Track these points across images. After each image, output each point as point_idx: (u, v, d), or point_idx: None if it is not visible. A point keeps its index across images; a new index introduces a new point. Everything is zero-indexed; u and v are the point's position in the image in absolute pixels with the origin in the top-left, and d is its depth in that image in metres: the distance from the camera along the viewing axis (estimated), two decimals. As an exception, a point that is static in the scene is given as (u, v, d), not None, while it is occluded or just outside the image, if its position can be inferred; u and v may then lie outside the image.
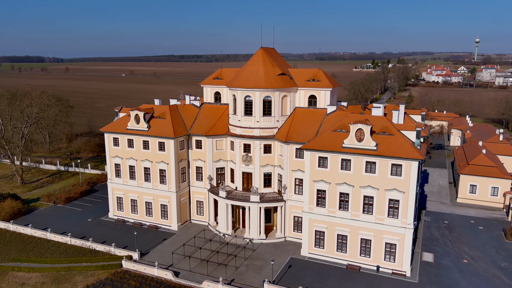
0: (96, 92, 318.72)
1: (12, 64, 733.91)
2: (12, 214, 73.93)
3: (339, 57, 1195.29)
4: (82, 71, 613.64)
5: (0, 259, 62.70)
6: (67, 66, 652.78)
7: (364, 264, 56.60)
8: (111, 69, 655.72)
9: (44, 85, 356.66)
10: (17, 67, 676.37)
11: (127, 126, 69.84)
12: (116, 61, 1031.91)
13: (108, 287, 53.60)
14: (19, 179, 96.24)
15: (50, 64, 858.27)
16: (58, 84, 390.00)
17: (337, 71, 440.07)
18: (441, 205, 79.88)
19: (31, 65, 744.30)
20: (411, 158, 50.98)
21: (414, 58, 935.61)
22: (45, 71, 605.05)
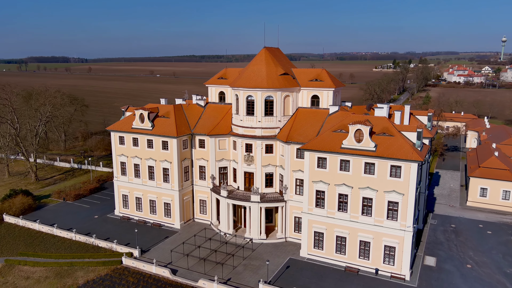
0: (116, 91, 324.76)
1: (38, 64, 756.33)
2: (22, 210, 76.18)
3: (361, 57, 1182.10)
4: (104, 71, 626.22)
5: (9, 253, 64.75)
6: (90, 66, 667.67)
7: (363, 266, 55.83)
8: (133, 69, 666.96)
9: (67, 85, 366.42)
10: (42, 67, 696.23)
11: (132, 125, 70.94)
12: (138, 61, 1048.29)
13: (107, 283, 54.60)
14: (33, 176, 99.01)
15: (74, 64, 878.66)
16: (80, 83, 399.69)
17: (356, 71, 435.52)
18: (449, 209, 77.97)
19: (56, 65, 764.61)
20: (410, 160, 49.99)
21: (438, 58, 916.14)
22: (69, 71, 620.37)
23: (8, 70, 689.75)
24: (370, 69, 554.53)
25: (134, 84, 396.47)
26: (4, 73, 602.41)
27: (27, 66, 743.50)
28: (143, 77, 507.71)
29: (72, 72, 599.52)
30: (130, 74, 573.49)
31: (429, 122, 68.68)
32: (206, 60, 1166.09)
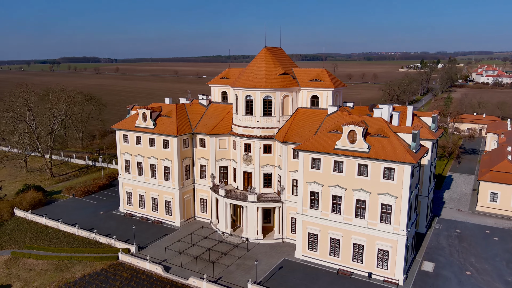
0: (139, 91, 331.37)
1: (69, 65, 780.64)
2: (33, 204, 79.02)
3: (389, 57, 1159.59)
4: (131, 71, 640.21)
5: (16, 245, 67.41)
6: (117, 67, 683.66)
7: (356, 269, 54.88)
8: (158, 69, 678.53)
9: (94, 84, 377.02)
10: (73, 67, 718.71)
11: (135, 123, 72.34)
12: (164, 62, 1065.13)
13: (102, 277, 55.97)
14: (48, 172, 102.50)
15: (103, 65, 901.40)
16: (107, 83, 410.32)
17: (382, 71, 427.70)
18: (457, 213, 75.51)
19: (86, 65, 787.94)
20: (403, 162, 48.77)
21: (470, 58, 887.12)
22: (98, 71, 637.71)
23: (41, 70, 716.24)
24: (396, 69, 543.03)
25: (157, 84, 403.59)
26: (38, 73, 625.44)
27: (59, 67, 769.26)
28: (167, 77, 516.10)
29: (100, 72, 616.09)
30: (155, 74, 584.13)
31: (433, 124, 66.77)
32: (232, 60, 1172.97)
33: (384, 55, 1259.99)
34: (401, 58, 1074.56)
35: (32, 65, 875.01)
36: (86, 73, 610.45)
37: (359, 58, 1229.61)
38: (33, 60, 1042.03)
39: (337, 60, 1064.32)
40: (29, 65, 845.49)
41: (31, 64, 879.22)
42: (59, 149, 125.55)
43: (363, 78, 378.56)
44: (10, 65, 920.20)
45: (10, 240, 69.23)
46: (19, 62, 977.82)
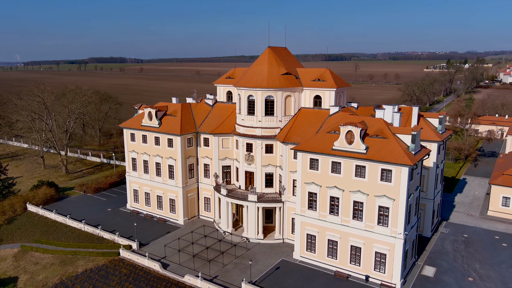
0: (160, 90, 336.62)
1: (96, 65, 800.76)
2: (45, 200, 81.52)
3: (415, 57, 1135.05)
4: (154, 71, 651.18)
5: (26, 239, 69.73)
6: (141, 67, 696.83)
7: (353, 272, 54.13)
8: (181, 69, 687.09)
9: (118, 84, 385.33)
10: (99, 67, 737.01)
11: (142, 122, 73.60)
12: (188, 62, 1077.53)
13: (102, 272, 57.27)
14: (63, 169, 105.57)
15: (129, 65, 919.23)
16: (130, 82, 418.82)
17: (405, 71, 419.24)
18: (467, 217, 73.31)
19: (112, 65, 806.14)
20: (400, 164, 47.78)
21: (500, 57, 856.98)
22: (123, 71, 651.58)
23: (69, 70, 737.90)
24: (421, 69, 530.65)
25: (178, 84, 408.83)
26: (66, 72, 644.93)
27: (86, 67, 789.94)
28: (189, 77, 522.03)
29: (125, 72, 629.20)
30: (178, 74, 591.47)
31: (439, 125, 65.10)
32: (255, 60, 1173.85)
33: (410, 55, 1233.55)
34: (428, 58, 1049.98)
35: (61, 65, 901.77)
36: (112, 73, 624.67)
37: (384, 58, 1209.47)
38: (62, 61, 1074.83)
39: (361, 60, 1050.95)
40: (58, 65, 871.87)
41: (60, 64, 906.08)
42: (77, 147, 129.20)
43: (385, 78, 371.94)
44: (41, 65, 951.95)
45: (21, 234, 71.66)
46: (50, 63, 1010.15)
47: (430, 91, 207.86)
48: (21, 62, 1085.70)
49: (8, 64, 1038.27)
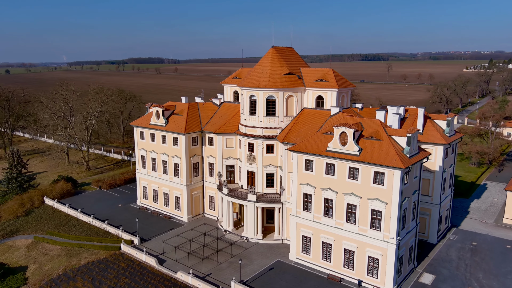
0: (189, 90, 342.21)
1: (133, 65, 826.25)
2: (62, 194, 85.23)
3: (458, 57, 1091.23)
4: (188, 71, 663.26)
5: (39, 231, 73.31)
6: (176, 67, 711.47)
7: (346, 276, 53.12)
8: (214, 69, 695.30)
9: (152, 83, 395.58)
10: (137, 67, 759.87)
11: (150, 121, 75.47)
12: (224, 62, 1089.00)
13: (102, 266, 59.30)
14: (85, 165, 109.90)
15: (164, 65, 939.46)
16: (164, 82, 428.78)
17: (442, 71, 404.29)
18: (480, 224, 70.00)
19: (148, 65, 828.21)
20: (392, 167, 46.42)
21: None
22: (158, 71, 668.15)
23: (109, 70, 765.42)
24: (460, 69, 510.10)
25: (208, 84, 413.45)
26: (105, 72, 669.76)
27: (124, 67, 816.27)
28: (220, 77, 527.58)
29: (161, 72, 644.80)
30: (210, 74, 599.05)
31: (447, 128, 62.58)
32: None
33: (452, 55, 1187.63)
34: (471, 58, 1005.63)
35: (102, 65, 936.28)
36: (148, 73, 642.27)
37: (424, 58, 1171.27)
38: (104, 61, 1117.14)
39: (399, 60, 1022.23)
40: (98, 65, 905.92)
41: (101, 65, 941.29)
42: (102, 144, 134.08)
43: (418, 79, 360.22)
44: (83, 65, 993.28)
45: (36, 226, 75.37)
46: (92, 63, 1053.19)
47: (462, 93, 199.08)
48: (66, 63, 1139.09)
49: (55, 64, 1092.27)
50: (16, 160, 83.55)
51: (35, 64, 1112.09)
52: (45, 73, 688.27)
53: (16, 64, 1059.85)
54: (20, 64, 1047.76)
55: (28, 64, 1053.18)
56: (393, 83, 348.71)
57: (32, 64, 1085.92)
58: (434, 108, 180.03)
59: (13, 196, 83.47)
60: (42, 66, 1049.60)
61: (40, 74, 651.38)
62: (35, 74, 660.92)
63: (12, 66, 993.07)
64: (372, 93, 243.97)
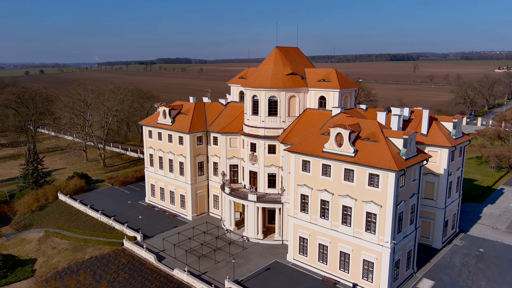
0: (212, 90, 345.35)
1: (160, 65, 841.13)
2: (75, 190, 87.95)
3: (492, 57, 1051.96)
4: (213, 71, 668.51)
5: (51, 225, 75.96)
6: (202, 67, 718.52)
7: (342, 279, 52.43)
8: (238, 69, 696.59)
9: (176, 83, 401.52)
10: (164, 67, 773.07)
11: (157, 120, 76.81)
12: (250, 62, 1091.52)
13: (104, 260, 60.90)
14: (101, 162, 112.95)
15: (191, 65, 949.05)
16: (188, 82, 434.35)
17: (472, 72, 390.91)
18: (490, 231, 67.49)
19: (175, 66, 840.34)
20: (386, 169, 45.50)
21: None
22: (184, 71, 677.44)
23: (136, 70, 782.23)
24: (492, 69, 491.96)
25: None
26: (133, 72, 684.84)
27: (152, 67, 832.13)
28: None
29: (186, 73, 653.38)
30: (234, 74, 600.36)
31: (454, 130, 60.67)
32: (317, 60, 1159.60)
33: (486, 55, 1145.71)
34: (508, 57, 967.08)
35: (130, 65, 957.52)
36: (174, 73, 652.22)
37: (456, 58, 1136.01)
38: (133, 61, 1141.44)
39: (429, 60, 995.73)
40: (127, 65, 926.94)
41: (130, 65, 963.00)
42: (120, 142, 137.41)
43: (446, 79, 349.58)
44: (113, 65, 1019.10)
45: (49, 220, 78.11)
46: (121, 63, 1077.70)
47: (489, 94, 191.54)
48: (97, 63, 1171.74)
49: (88, 65, 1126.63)
50: (32, 157, 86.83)
51: (68, 65, 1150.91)
52: (77, 73, 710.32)
53: (51, 65, 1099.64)
54: (54, 65, 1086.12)
55: (62, 65, 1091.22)
56: (419, 84, 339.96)
57: (65, 64, 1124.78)
58: (458, 110, 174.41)
59: (29, 191, 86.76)
60: (74, 66, 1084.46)
61: (72, 74, 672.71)
62: (67, 74, 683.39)
63: (47, 66, 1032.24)
64: (395, 94, 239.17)
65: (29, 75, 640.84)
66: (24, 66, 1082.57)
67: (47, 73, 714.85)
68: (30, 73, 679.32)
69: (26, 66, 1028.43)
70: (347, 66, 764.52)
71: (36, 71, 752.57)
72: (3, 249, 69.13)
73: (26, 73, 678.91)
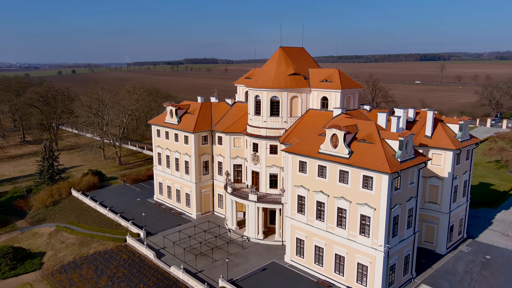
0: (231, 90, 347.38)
1: (186, 66, 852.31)
2: (88, 187, 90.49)
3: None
4: (238, 72, 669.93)
5: (62, 220, 78.51)
6: (226, 67, 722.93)
7: (337, 282, 51.77)
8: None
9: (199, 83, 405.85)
10: (190, 68, 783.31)
11: (165, 119, 78.06)
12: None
13: (106, 256, 62.44)
14: (117, 160, 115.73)
15: (216, 66, 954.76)
16: (211, 82, 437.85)
17: (503, 72, 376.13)
18: (500, 237, 64.93)
19: (201, 66, 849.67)
20: (379, 171, 44.61)
21: None
22: (209, 71, 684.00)
23: (163, 70, 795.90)
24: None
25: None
26: (160, 73, 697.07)
27: (178, 67, 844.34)
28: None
29: (211, 73, 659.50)
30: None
31: (459, 132, 58.76)
32: (344, 60, 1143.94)
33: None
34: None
35: (158, 66, 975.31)
36: (199, 73, 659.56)
37: (490, 57, 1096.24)
38: (161, 61, 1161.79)
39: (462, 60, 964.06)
40: (155, 66, 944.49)
41: (158, 65, 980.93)
42: (138, 141, 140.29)
43: (474, 80, 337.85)
44: (141, 66, 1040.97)
45: (61, 215, 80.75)
46: (150, 63, 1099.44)
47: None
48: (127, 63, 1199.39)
49: (118, 65, 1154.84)
50: (48, 154, 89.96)
51: (99, 65, 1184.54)
52: (106, 73, 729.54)
53: (83, 65, 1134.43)
54: (86, 65, 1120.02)
55: (93, 65, 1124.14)
56: (446, 85, 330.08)
57: (96, 65, 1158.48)
58: (483, 112, 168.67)
59: (45, 187, 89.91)
60: (105, 66, 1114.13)
61: (102, 74, 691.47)
62: (97, 74, 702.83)
63: (80, 66, 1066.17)
64: (419, 95, 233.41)
65: (62, 75, 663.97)
66: (58, 66, 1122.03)
67: (79, 73, 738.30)
68: (63, 73, 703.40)
69: (60, 66, 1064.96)
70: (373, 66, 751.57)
71: (68, 71, 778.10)
72: (16, 242, 71.95)
73: (59, 73, 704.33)
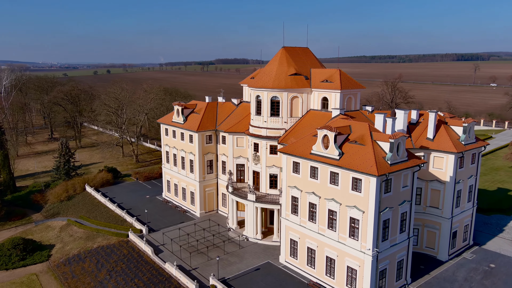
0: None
1: (216, 66, 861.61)
2: (101, 183, 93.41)
3: None
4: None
5: (73, 214, 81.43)
6: (255, 67, 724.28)
7: (327, 284, 51.12)
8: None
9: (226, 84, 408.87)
10: (219, 68, 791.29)
11: (172, 119, 79.47)
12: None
13: (108, 250, 64.31)
14: (134, 158, 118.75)
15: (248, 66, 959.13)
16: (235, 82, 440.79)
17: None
18: (510, 245, 61.96)
19: (231, 66, 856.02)
20: (367, 173, 43.72)
21: None
22: (238, 71, 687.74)
23: (194, 70, 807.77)
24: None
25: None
26: (190, 73, 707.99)
27: (208, 68, 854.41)
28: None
29: (240, 73, 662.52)
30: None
31: (463, 134, 56.57)
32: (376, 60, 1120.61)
33: None
34: None
35: (189, 66, 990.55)
36: (228, 73, 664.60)
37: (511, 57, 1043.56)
38: (193, 62, 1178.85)
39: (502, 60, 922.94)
40: (186, 66, 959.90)
41: (189, 65, 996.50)
42: (158, 140, 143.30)
43: (510, 80, 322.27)
44: (173, 66, 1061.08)
45: (74, 210, 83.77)
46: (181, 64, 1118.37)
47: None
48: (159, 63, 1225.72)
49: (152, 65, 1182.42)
50: (64, 150, 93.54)
51: (134, 65, 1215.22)
52: (139, 73, 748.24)
53: (119, 65, 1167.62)
54: (121, 65, 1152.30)
55: (128, 65, 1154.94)
56: (479, 86, 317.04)
57: (131, 65, 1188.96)
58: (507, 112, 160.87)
59: (61, 182, 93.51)
60: (139, 66, 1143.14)
61: (135, 73, 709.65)
62: (131, 73, 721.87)
63: (116, 66, 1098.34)
64: (447, 96, 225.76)
65: (97, 74, 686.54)
66: (95, 66, 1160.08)
67: (113, 73, 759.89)
68: (98, 73, 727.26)
69: (97, 67, 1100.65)
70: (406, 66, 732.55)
71: (104, 71, 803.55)
72: (29, 234, 75.31)
73: (94, 72, 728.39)
